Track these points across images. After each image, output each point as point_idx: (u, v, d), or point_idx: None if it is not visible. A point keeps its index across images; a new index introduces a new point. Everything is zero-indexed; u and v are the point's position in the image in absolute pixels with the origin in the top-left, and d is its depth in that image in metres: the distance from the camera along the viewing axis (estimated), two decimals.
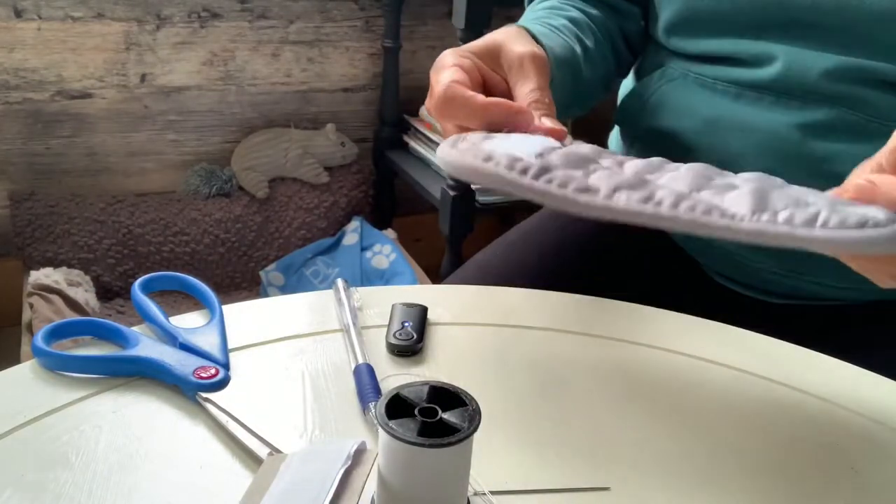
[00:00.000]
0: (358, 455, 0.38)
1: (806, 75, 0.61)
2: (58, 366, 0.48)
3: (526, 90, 0.52)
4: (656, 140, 0.71)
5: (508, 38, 0.55)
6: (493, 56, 0.54)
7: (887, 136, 0.62)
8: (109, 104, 1.60)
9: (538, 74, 0.53)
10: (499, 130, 0.49)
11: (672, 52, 0.70)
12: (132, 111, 1.63)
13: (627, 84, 0.80)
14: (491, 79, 0.54)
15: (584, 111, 0.70)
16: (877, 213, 0.38)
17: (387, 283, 1.61)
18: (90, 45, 1.55)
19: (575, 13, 0.69)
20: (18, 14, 1.48)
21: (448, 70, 0.51)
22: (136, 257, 1.61)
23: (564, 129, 0.50)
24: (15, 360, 1.34)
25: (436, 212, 1.57)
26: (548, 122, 0.50)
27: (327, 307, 0.56)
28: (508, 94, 0.54)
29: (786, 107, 0.62)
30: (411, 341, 0.52)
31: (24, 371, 0.48)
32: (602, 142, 0.62)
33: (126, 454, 0.42)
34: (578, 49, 0.65)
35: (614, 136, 0.80)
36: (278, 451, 0.42)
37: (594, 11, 0.72)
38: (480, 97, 0.49)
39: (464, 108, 0.49)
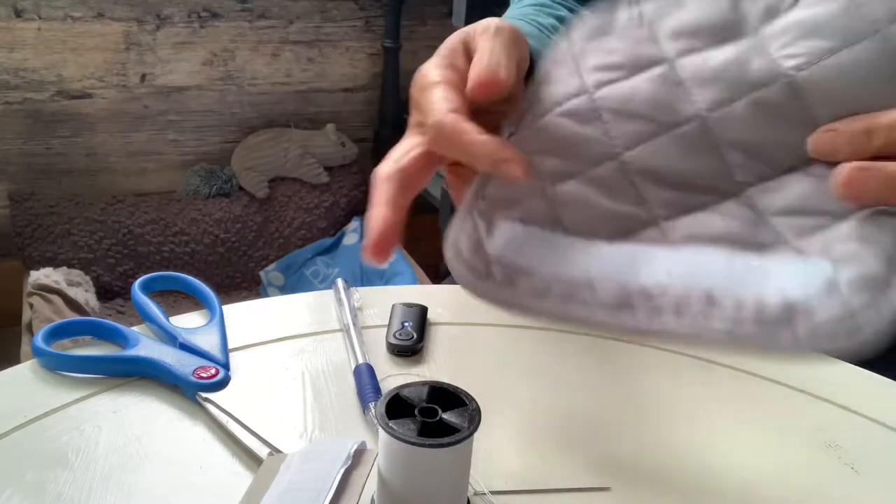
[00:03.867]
0: (358, 455, 0.38)
1: None
2: (58, 366, 0.48)
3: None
4: None
5: (480, 29, 0.49)
6: (468, 51, 0.49)
7: None
8: (109, 104, 1.60)
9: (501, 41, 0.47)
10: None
11: None
12: (132, 111, 1.63)
13: None
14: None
15: None
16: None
17: (387, 283, 1.61)
18: (90, 45, 1.55)
19: (564, 13, 0.67)
20: (18, 14, 1.48)
21: (439, 90, 0.45)
22: (136, 257, 1.61)
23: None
24: (15, 360, 1.34)
25: (436, 212, 1.57)
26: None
27: (327, 307, 0.56)
28: None
29: None
30: (411, 341, 0.51)
31: (24, 371, 0.48)
32: None
33: (126, 454, 0.42)
34: None
35: None
36: (278, 451, 0.42)
37: (586, 12, 0.70)
38: (479, 139, 0.41)
39: (466, 148, 0.42)
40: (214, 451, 0.43)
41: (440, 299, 0.58)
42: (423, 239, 1.88)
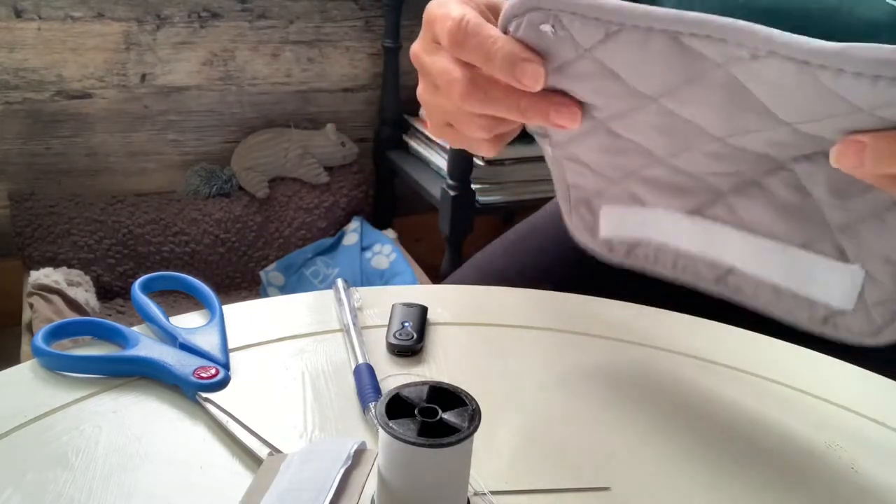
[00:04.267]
0: (358, 455, 0.38)
1: None
2: (58, 366, 0.48)
3: None
4: None
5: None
6: (494, 12, 0.47)
7: None
8: (109, 104, 1.60)
9: None
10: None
11: None
12: (132, 111, 1.63)
13: None
14: None
15: None
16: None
17: (387, 283, 1.61)
18: (90, 45, 1.55)
19: None
20: (18, 14, 1.48)
21: (460, 4, 0.43)
22: (136, 257, 1.61)
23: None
24: (15, 360, 1.34)
25: (436, 212, 1.57)
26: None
27: (327, 307, 0.56)
28: None
29: None
30: (411, 341, 0.51)
31: (24, 371, 0.48)
32: None
33: (126, 454, 0.42)
34: None
35: None
36: (278, 451, 0.42)
37: None
38: (501, 35, 0.41)
39: (484, 43, 0.40)
40: (214, 451, 0.43)
41: (440, 299, 0.58)
42: (423, 239, 1.88)
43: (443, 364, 0.51)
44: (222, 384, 0.47)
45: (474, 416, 0.36)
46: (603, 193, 0.49)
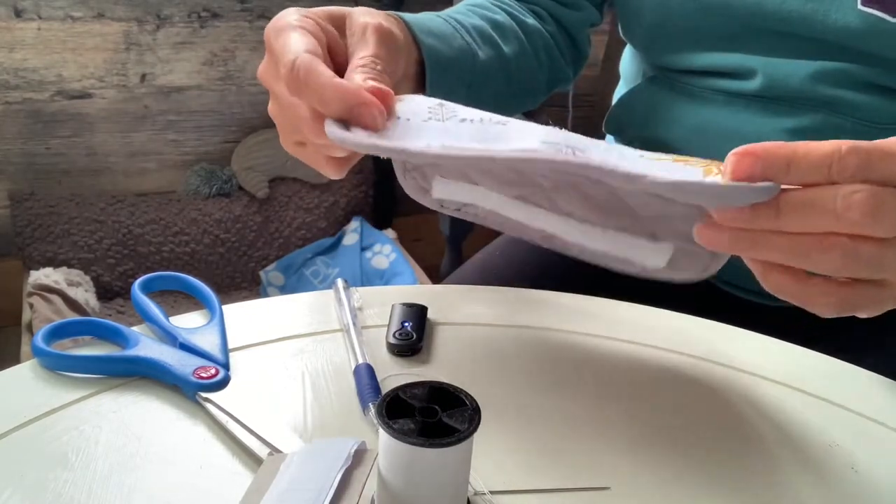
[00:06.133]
0: (358, 455, 0.38)
1: (788, 82, 0.61)
2: (58, 366, 0.48)
3: (358, 56, 0.47)
4: (646, 149, 0.71)
5: (358, 10, 0.50)
6: (339, 23, 0.49)
7: (875, 138, 0.62)
8: (109, 104, 1.60)
9: (378, 44, 0.48)
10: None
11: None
12: (132, 111, 1.63)
13: (618, 92, 0.80)
14: (335, 46, 0.49)
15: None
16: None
17: (387, 283, 1.61)
18: (90, 45, 1.55)
19: (501, 17, 0.65)
20: (18, 14, 1.48)
21: (296, 34, 0.44)
22: (136, 257, 1.61)
23: (388, 89, 0.44)
24: (15, 360, 1.34)
25: (436, 212, 1.57)
26: (371, 83, 0.44)
27: (327, 307, 0.56)
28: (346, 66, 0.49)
29: (774, 112, 0.62)
30: (411, 341, 0.51)
31: (24, 371, 0.48)
32: None
33: (126, 454, 0.42)
34: (485, 54, 0.61)
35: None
36: (278, 451, 0.42)
37: (529, 20, 0.67)
38: (332, 81, 0.42)
39: (317, 91, 0.42)
40: (214, 451, 0.43)
41: (440, 299, 0.58)
42: (423, 239, 1.88)
43: (443, 364, 0.51)
44: (222, 384, 0.47)
45: (474, 417, 0.36)
46: (437, 168, 0.52)
